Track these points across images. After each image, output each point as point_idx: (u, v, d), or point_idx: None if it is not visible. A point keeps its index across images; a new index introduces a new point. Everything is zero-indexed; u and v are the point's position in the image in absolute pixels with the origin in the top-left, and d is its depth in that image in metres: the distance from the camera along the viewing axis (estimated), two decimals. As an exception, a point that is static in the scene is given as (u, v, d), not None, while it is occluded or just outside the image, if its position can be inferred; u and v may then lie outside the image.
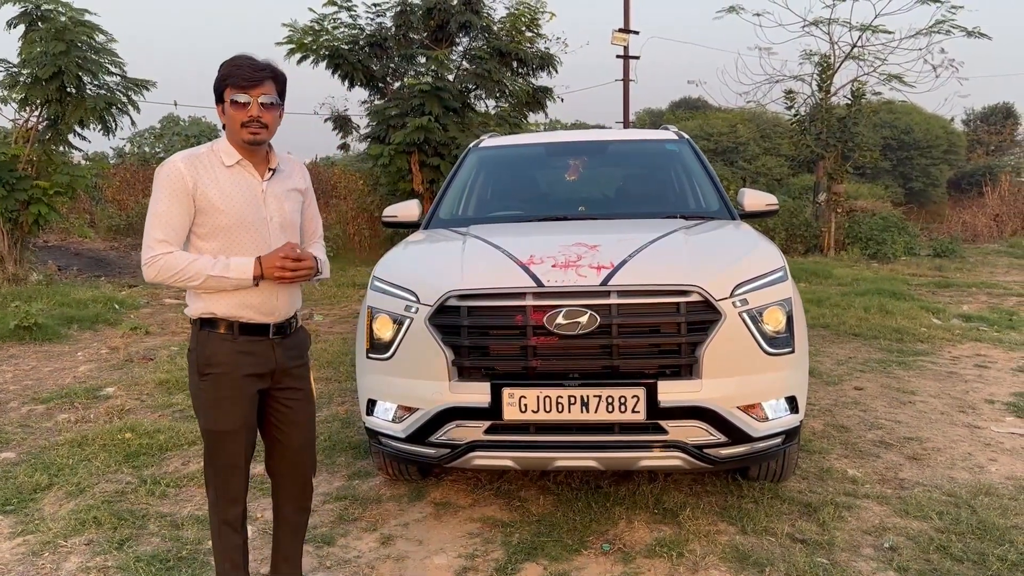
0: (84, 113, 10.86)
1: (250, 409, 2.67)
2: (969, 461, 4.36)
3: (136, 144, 23.58)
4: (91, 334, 8.57)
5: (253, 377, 2.64)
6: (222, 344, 2.61)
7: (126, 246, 16.16)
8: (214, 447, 2.68)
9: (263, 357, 2.66)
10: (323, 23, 14.35)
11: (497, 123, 14.03)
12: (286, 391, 2.76)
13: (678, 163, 5.17)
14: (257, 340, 2.65)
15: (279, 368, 2.70)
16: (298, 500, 2.91)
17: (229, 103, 2.56)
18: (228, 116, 2.59)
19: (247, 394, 2.64)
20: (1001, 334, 7.84)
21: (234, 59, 2.61)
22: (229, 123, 2.61)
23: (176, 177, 2.55)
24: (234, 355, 2.61)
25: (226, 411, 2.62)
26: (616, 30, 21.96)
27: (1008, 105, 44.51)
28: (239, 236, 2.61)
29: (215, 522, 2.74)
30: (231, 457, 2.68)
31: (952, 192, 35.04)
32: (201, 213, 2.58)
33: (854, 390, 5.84)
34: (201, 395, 2.65)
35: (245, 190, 2.63)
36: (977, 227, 20.45)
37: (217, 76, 2.59)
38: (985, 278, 12.41)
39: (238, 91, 2.55)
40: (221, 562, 2.76)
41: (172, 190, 2.54)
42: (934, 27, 15.95)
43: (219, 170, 2.61)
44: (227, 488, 2.71)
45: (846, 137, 16.02)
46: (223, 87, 2.58)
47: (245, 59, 2.60)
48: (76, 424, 5.29)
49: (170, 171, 2.56)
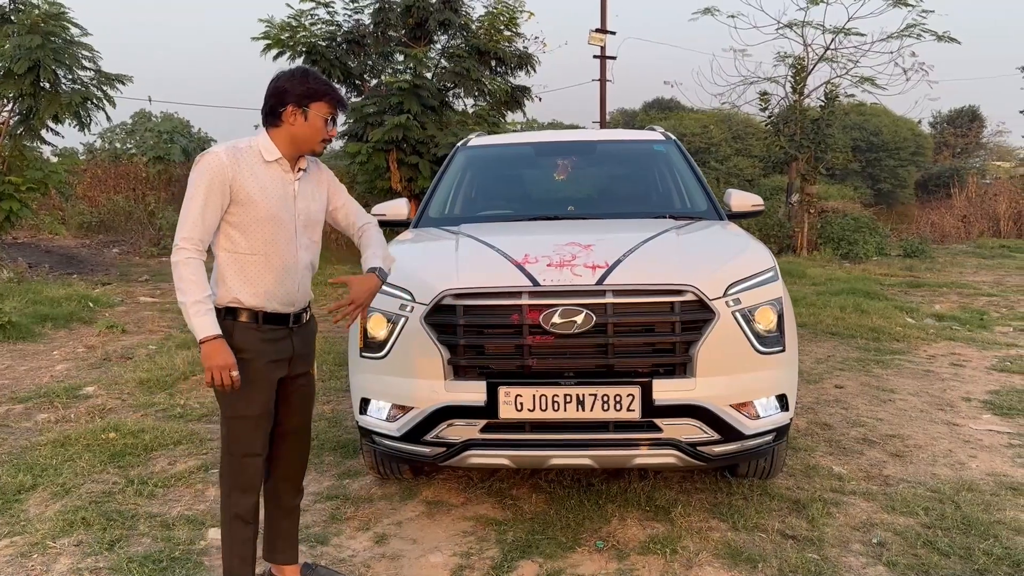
0: (59, 108, 10.70)
1: (270, 395, 2.80)
2: (950, 458, 4.45)
3: (107, 140, 23.25)
4: (66, 332, 8.45)
5: (275, 364, 2.78)
6: (246, 332, 2.73)
7: (98, 243, 15.94)
8: (236, 433, 2.78)
9: (283, 344, 2.81)
10: (300, 19, 14.22)
11: (476, 122, 14.01)
12: (298, 377, 2.92)
13: (666, 163, 5.21)
14: (278, 329, 2.79)
15: (296, 355, 2.86)
16: (295, 482, 3.05)
17: (319, 117, 2.72)
18: (308, 125, 2.72)
19: (270, 380, 2.77)
20: (973, 333, 8.00)
21: (318, 76, 2.77)
22: (306, 131, 2.73)
23: (218, 168, 2.65)
24: (258, 343, 2.74)
25: (250, 397, 2.73)
26: (593, 30, 22.03)
27: (974, 108, 45.31)
28: (268, 228, 2.73)
29: (226, 517, 2.82)
30: (251, 444, 2.78)
31: (919, 193, 35.62)
32: (236, 204, 2.70)
33: (835, 388, 5.93)
34: None
35: (280, 186, 2.77)
36: (945, 228, 20.80)
37: (303, 86, 2.71)
38: (955, 278, 12.63)
39: (331, 110, 2.75)
40: (229, 557, 2.84)
41: (212, 180, 2.64)
42: (905, 31, 16.21)
43: (258, 165, 2.73)
44: (244, 476, 2.80)
45: (819, 139, 16.22)
46: (315, 99, 2.71)
47: (327, 80, 2.78)
48: (57, 424, 5.22)
49: (213, 161, 2.66)
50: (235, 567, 2.83)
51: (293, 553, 3.09)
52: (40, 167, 11.51)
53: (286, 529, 3.07)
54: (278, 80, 2.75)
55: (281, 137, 2.76)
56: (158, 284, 12.06)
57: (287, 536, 3.08)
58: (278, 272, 2.77)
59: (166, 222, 15.38)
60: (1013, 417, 5.18)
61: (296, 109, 2.71)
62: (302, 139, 2.75)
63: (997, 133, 46.67)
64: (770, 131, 17.22)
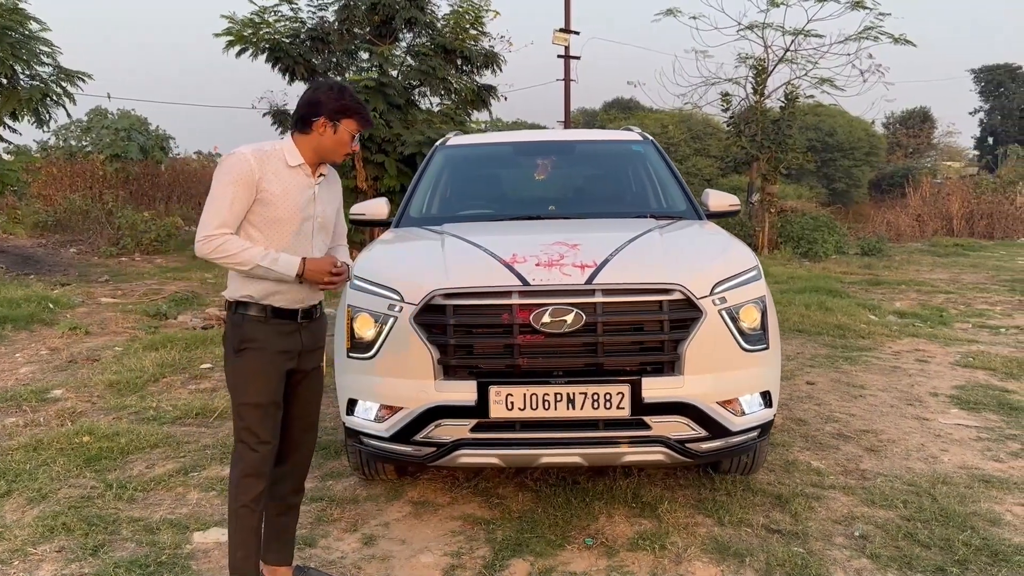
0: (17, 105, 10.43)
1: (279, 385, 2.88)
2: (923, 452, 4.56)
3: (62, 138, 22.71)
4: (27, 334, 8.24)
5: (284, 355, 2.87)
6: (256, 325, 2.84)
7: (54, 243, 15.55)
8: (245, 421, 2.85)
9: (292, 338, 2.90)
10: (263, 15, 14.06)
11: (442, 120, 13.98)
12: (308, 372, 3.01)
13: (645, 163, 5.26)
14: (286, 323, 2.88)
15: (304, 349, 2.95)
16: (298, 478, 3.14)
17: (346, 132, 2.85)
18: (335, 138, 2.85)
19: (279, 370, 2.86)
20: (935, 330, 8.19)
21: (357, 96, 2.89)
22: (331, 143, 2.86)
23: (246, 168, 2.76)
24: (268, 334, 2.84)
25: (260, 385, 2.83)
26: (557, 30, 22.10)
27: (925, 109, 46.44)
28: (286, 229, 2.84)
29: (234, 506, 2.88)
30: (261, 432, 2.85)
31: (873, 193, 36.39)
32: (259, 204, 2.80)
33: (807, 384, 6.04)
34: (237, 370, 2.85)
35: (301, 190, 2.87)
36: (900, 227, 21.28)
37: (336, 100, 2.82)
38: (912, 276, 12.93)
39: (359, 128, 2.88)
40: (237, 549, 2.88)
41: (239, 179, 2.75)
42: (863, 33, 16.50)
43: (282, 168, 2.84)
44: (253, 464, 2.86)
45: (780, 139, 16.46)
46: (346, 115, 2.83)
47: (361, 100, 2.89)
48: (27, 428, 5.10)
49: (240, 161, 2.76)
50: (239, 561, 2.87)
51: (288, 553, 3.11)
52: (-5, 165, 11.24)
53: (283, 527, 3.11)
54: (315, 91, 2.87)
55: (307, 144, 2.87)
56: (118, 284, 11.82)
57: (283, 535, 3.11)
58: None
59: (124, 221, 15.07)
60: (980, 411, 5.32)
61: (327, 122, 2.83)
62: (327, 150, 2.88)
63: (947, 134, 47.97)
64: (732, 131, 17.42)
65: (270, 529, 3.09)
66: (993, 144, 46.61)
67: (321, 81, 2.94)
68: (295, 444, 3.07)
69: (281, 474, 3.05)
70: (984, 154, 47.50)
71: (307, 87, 2.93)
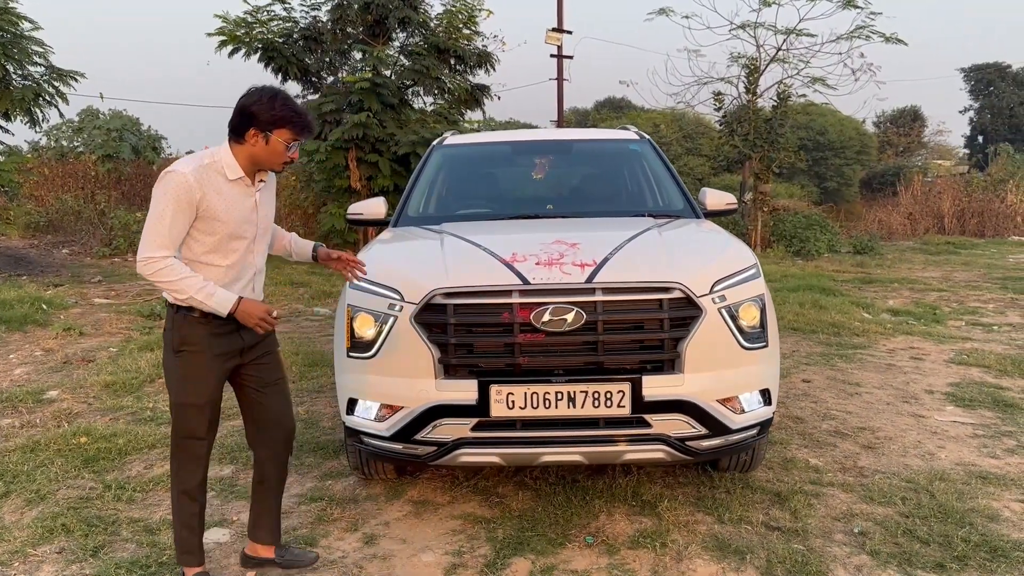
0: (10, 104, 10.38)
1: (216, 386, 2.98)
2: (920, 449, 4.59)
3: (53, 138, 22.60)
4: (21, 335, 8.20)
5: (223, 356, 2.95)
6: (196, 327, 2.89)
7: (46, 244, 15.48)
8: (182, 419, 2.98)
9: (231, 338, 2.96)
10: (257, 15, 14.04)
11: (435, 120, 13.98)
12: (256, 358, 3.09)
13: (642, 162, 5.27)
14: (226, 324, 2.92)
15: (246, 346, 3.02)
16: (281, 458, 3.24)
17: (280, 142, 2.84)
18: (269, 149, 2.85)
19: (216, 372, 2.95)
20: (928, 328, 8.23)
21: (288, 102, 2.85)
22: (266, 153, 2.86)
23: (185, 188, 2.76)
24: (207, 337, 2.90)
25: (195, 386, 2.92)
26: (550, 29, 22.11)
27: (915, 108, 46.64)
28: (229, 241, 2.90)
29: (175, 493, 3.06)
30: (196, 427, 2.98)
31: (864, 191, 36.52)
32: (201, 220, 2.83)
33: (803, 382, 6.06)
34: (175, 370, 2.94)
35: (242, 202, 2.92)
36: (892, 225, 21.34)
37: (269, 110, 2.80)
38: (905, 274, 12.98)
39: (294, 137, 2.86)
40: (179, 528, 3.08)
41: (179, 199, 2.76)
42: (855, 32, 16.56)
43: (222, 182, 2.86)
44: (189, 457, 3.02)
45: (772, 138, 16.51)
46: (279, 125, 2.82)
47: (297, 105, 2.87)
48: (23, 429, 5.08)
49: (180, 182, 2.76)
50: (184, 537, 3.08)
51: (276, 533, 3.30)
52: (-13, 165, 11.19)
53: (270, 507, 3.27)
54: (246, 100, 2.83)
55: (242, 154, 2.88)
56: (112, 285, 11.77)
57: (270, 514, 3.27)
58: (233, 277, 2.95)
59: (117, 221, 15.00)
60: (975, 408, 5.35)
61: (258, 132, 2.82)
62: (262, 159, 2.89)
63: (938, 133, 48.15)
64: (724, 131, 17.45)
65: (259, 510, 3.27)
66: (983, 143, 46.83)
67: (255, 88, 2.87)
68: (269, 426, 3.17)
69: (264, 459, 3.21)
70: (974, 152, 47.74)
71: (243, 94, 2.88)
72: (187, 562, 3.10)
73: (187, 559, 3.10)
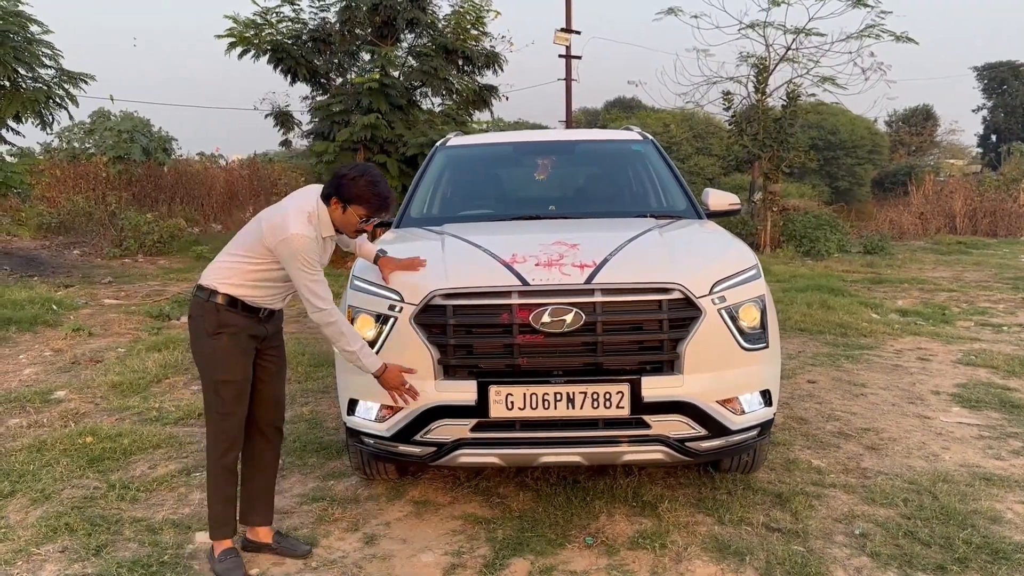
0: (20, 107, 10.46)
1: (248, 364, 3.30)
2: (924, 450, 4.57)
3: (65, 140, 22.73)
4: (31, 336, 8.27)
5: (255, 339, 3.31)
6: (235, 315, 3.24)
7: (58, 244, 15.59)
8: (220, 396, 3.24)
9: (259, 327, 3.33)
10: (266, 16, 14.07)
11: (443, 121, 13.98)
12: (269, 349, 3.42)
13: (644, 163, 5.26)
14: (253, 316, 3.29)
15: (267, 335, 3.38)
16: (273, 442, 3.51)
17: (354, 216, 3.23)
18: (344, 217, 3.24)
19: (249, 350, 3.29)
20: (937, 328, 8.18)
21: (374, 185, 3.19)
22: (342, 222, 3.26)
23: (316, 247, 3.19)
24: (242, 320, 3.26)
25: (234, 363, 3.24)
26: (559, 30, 22.09)
27: (928, 107, 46.36)
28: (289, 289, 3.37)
29: (215, 469, 3.30)
30: (233, 404, 3.25)
31: (876, 191, 36.32)
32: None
33: (808, 383, 6.04)
34: (213, 352, 3.23)
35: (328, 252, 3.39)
36: (903, 225, 21.20)
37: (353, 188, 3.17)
38: (915, 274, 12.91)
39: (366, 215, 3.23)
40: (215, 503, 3.31)
41: (315, 255, 3.18)
42: (864, 31, 16.48)
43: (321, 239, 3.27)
44: (227, 434, 3.27)
45: (782, 138, 16.45)
46: (354, 203, 3.18)
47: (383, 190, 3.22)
48: (30, 429, 5.12)
49: (311, 242, 3.16)
50: (219, 512, 3.31)
51: (269, 514, 3.50)
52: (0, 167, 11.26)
53: (262, 488, 3.49)
54: (342, 173, 3.22)
55: (330, 214, 3.27)
56: (121, 286, 11.85)
57: (263, 496, 3.48)
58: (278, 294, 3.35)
59: (128, 222, 15.08)
60: (981, 409, 5.32)
61: (339, 202, 3.21)
62: (339, 224, 3.29)
63: (950, 132, 47.86)
64: (733, 130, 17.40)
65: (250, 493, 3.46)
66: (996, 142, 46.53)
67: (352, 165, 3.27)
68: (264, 412, 3.43)
69: (257, 440, 3.45)
70: (987, 152, 47.44)
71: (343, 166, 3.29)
72: (221, 535, 3.32)
73: (222, 532, 3.32)
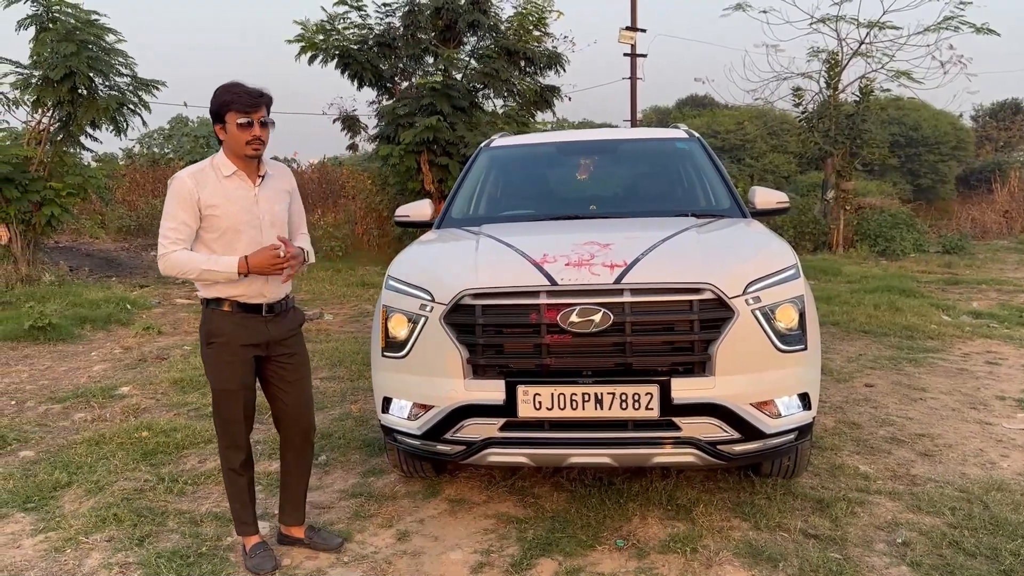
0: (96, 114, 10.94)
1: (245, 372, 3.22)
2: (981, 457, 4.38)
3: (145, 145, 23.66)
4: (104, 334, 8.64)
5: (249, 347, 3.21)
6: (224, 319, 3.18)
7: (136, 246, 16.25)
8: (219, 403, 3.25)
9: (256, 330, 3.22)
10: (334, 22, 14.36)
11: (505, 122, 14.03)
12: (280, 356, 3.33)
13: (689, 161, 5.19)
14: (251, 316, 3.21)
15: (272, 339, 3.27)
16: (299, 450, 3.47)
17: (234, 125, 3.04)
18: (231, 135, 3.07)
19: (243, 360, 3.21)
20: (1011, 331, 7.83)
21: (230, 87, 3.06)
22: (232, 141, 3.09)
23: (185, 189, 3.08)
24: (233, 328, 3.18)
25: (226, 373, 3.20)
26: (623, 28, 21.92)
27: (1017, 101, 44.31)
28: (237, 235, 3.15)
29: (224, 470, 3.36)
30: (232, 411, 3.25)
31: (961, 188, 34.89)
32: (205, 218, 3.12)
33: (865, 387, 5.86)
34: (208, 360, 3.24)
35: (241, 196, 3.16)
36: (986, 223, 20.37)
37: (216, 101, 3.06)
38: (995, 275, 12.38)
39: (242, 115, 3.04)
40: (233, 503, 3.39)
41: (181, 199, 3.07)
42: (942, 23, 15.90)
43: (218, 181, 3.13)
44: (231, 437, 3.28)
45: (854, 134, 15.98)
46: (225, 111, 3.05)
47: (240, 86, 3.06)
48: (93, 423, 5.35)
49: (179, 185, 3.09)
50: (236, 510, 3.38)
51: (300, 517, 3.53)
52: (80, 172, 11.78)
53: (293, 492, 3.50)
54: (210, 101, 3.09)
55: (226, 151, 3.15)
56: (194, 287, 12.25)
57: (294, 499, 3.51)
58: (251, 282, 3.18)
59: (203, 225, 15.59)
60: (1048, 416, 5.08)
61: (218, 126, 3.10)
62: (234, 148, 3.10)
63: (1040, 126, 45.60)
64: (804, 127, 16.98)
65: (284, 496, 3.52)
66: (1092, 135, 44.16)
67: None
68: (287, 421, 3.42)
69: (286, 448, 3.47)
70: (1083, 146, 45.07)
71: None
72: (244, 532, 3.39)
73: (243, 529, 3.39)
